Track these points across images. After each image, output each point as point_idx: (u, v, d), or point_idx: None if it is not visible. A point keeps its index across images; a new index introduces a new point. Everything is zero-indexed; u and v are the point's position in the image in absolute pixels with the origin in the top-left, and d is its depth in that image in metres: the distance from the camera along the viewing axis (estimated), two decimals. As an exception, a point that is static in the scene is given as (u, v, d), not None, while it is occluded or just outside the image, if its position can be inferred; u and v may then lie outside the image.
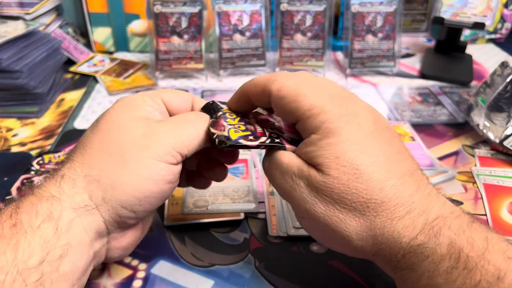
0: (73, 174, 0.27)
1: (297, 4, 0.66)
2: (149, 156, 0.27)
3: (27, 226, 0.24)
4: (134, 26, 0.76)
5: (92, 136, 0.28)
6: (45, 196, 0.25)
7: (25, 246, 0.23)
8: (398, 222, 0.25)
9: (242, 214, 0.40)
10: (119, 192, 0.26)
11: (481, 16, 0.68)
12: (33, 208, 0.25)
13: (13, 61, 0.54)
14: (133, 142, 0.27)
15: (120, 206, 0.27)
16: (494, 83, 0.50)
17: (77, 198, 0.26)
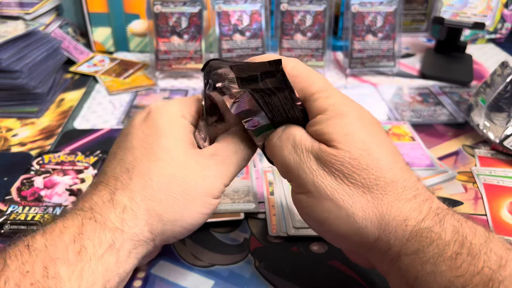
0: (135, 206, 0.27)
1: (297, 4, 0.66)
2: (207, 195, 0.29)
3: (91, 254, 0.25)
4: (134, 26, 0.76)
5: (149, 166, 0.28)
6: (108, 226, 0.26)
7: (89, 274, 0.24)
8: (405, 203, 0.25)
9: (242, 214, 0.40)
10: (177, 226, 0.28)
11: (481, 16, 0.68)
12: (96, 235, 0.25)
13: (13, 61, 0.54)
14: (194, 181, 0.29)
15: (173, 236, 0.29)
16: (494, 83, 0.50)
17: (137, 230, 0.27)
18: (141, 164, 0.28)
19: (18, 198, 0.41)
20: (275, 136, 0.30)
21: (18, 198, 0.41)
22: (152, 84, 0.66)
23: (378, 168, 0.26)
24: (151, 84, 0.66)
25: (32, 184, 0.43)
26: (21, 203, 0.41)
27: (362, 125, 0.27)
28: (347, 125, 0.27)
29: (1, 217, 0.39)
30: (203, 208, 0.29)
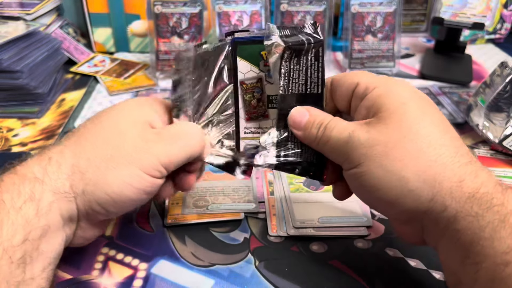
0: (61, 158, 0.28)
1: (297, 5, 0.67)
2: (138, 167, 0.28)
3: (10, 206, 0.25)
4: (135, 27, 0.76)
5: (90, 128, 0.30)
6: (28, 177, 0.26)
7: (9, 225, 0.24)
8: (460, 167, 0.26)
9: (242, 214, 0.40)
10: (99, 190, 0.28)
11: (481, 16, 0.69)
12: (15, 187, 0.26)
13: (14, 62, 0.55)
14: (126, 150, 0.29)
15: (96, 202, 0.28)
16: (494, 83, 0.51)
17: (58, 183, 0.27)
18: (83, 127, 0.30)
19: None
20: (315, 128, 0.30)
21: None
22: (153, 84, 0.66)
23: (431, 132, 0.27)
24: (152, 84, 0.66)
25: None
26: (22, 203, 0.41)
27: (414, 97, 0.28)
28: (400, 97, 0.28)
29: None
30: (132, 179, 0.28)
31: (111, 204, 0.28)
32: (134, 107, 0.31)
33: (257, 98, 0.32)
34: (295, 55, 0.30)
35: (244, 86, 0.32)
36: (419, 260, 0.36)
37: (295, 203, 0.41)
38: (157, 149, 0.29)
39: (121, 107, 0.31)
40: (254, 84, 0.32)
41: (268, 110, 0.33)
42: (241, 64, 0.31)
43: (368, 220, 0.39)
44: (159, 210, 0.40)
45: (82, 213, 0.29)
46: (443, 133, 0.27)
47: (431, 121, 0.28)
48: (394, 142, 0.27)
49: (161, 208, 0.40)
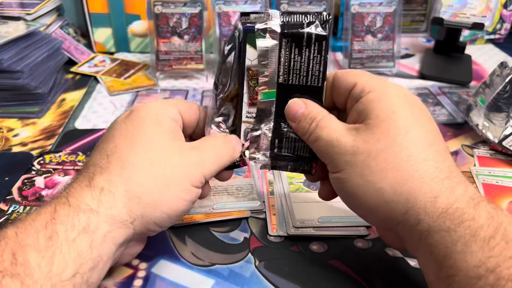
0: (113, 188, 0.27)
1: (297, 5, 0.67)
2: (189, 182, 0.30)
3: (63, 239, 0.24)
4: (135, 27, 0.76)
5: (129, 149, 0.29)
6: (82, 209, 0.26)
7: (60, 259, 0.24)
8: (437, 182, 0.26)
9: (248, 212, 0.40)
10: (157, 210, 0.28)
11: (480, 16, 0.69)
12: (69, 219, 0.25)
13: (14, 62, 0.55)
14: (174, 166, 0.29)
15: (153, 222, 0.28)
16: (493, 83, 0.51)
17: (114, 211, 0.27)
18: (121, 149, 0.29)
19: (19, 198, 0.42)
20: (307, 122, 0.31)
21: (19, 198, 0.42)
22: (153, 84, 0.67)
23: (413, 146, 0.27)
24: (152, 84, 0.67)
25: (33, 184, 0.44)
26: (22, 203, 0.41)
27: (406, 105, 0.29)
28: (391, 105, 0.28)
29: (2, 217, 0.39)
30: (184, 193, 0.29)
31: (167, 221, 0.29)
32: (161, 119, 0.31)
33: None
34: (295, 45, 0.31)
35: (250, 72, 0.33)
36: (419, 260, 0.36)
37: (295, 203, 0.41)
38: (200, 161, 0.30)
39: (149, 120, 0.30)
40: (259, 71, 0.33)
41: None
42: (250, 52, 0.32)
43: (368, 220, 0.39)
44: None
45: (137, 234, 0.29)
46: (427, 146, 0.27)
47: (418, 133, 0.28)
48: (377, 152, 0.27)
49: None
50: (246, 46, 0.32)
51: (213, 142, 0.32)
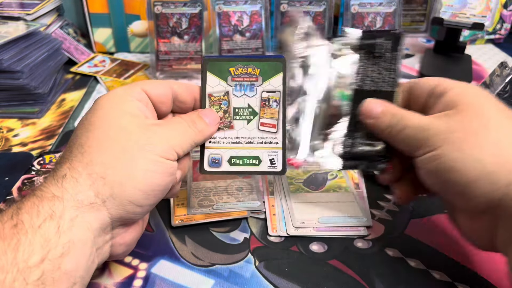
0: (75, 173, 0.27)
1: (297, 5, 0.67)
2: (155, 153, 0.29)
3: (28, 226, 0.24)
4: (135, 27, 0.76)
5: (87, 135, 0.29)
6: (46, 197, 0.26)
7: (26, 245, 0.23)
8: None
9: (248, 212, 0.40)
10: (127, 187, 0.27)
11: (480, 16, 0.69)
12: (34, 208, 0.25)
13: (14, 62, 0.55)
14: (136, 141, 0.28)
15: (128, 201, 0.28)
16: (493, 84, 0.51)
17: (80, 196, 0.26)
18: (80, 137, 0.29)
19: (19, 198, 0.42)
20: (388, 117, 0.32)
21: (19, 198, 0.42)
22: (153, 84, 0.66)
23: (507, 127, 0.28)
24: (152, 84, 0.66)
25: (33, 184, 0.44)
26: (22, 203, 0.41)
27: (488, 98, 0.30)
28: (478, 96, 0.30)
29: (2, 217, 0.39)
30: (153, 165, 0.28)
31: (143, 197, 0.28)
32: (116, 100, 0.31)
33: (223, 109, 0.35)
34: (372, 56, 0.35)
35: (212, 98, 0.35)
36: (419, 260, 0.36)
37: (295, 203, 0.41)
38: (165, 134, 0.30)
39: (105, 105, 0.30)
40: (221, 97, 0.35)
41: (233, 121, 0.35)
42: (210, 78, 0.35)
43: (368, 220, 0.39)
44: (164, 211, 0.40)
45: (116, 218, 0.28)
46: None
47: (507, 116, 0.29)
48: (474, 130, 0.28)
49: (167, 210, 0.41)
50: (206, 74, 0.34)
51: (178, 119, 0.32)
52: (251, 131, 0.35)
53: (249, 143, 0.35)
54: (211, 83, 0.35)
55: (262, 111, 0.35)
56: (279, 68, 0.35)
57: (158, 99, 0.33)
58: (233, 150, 0.35)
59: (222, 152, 0.35)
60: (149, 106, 0.33)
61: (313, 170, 0.46)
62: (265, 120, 0.35)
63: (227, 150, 0.35)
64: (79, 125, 0.30)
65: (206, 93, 0.35)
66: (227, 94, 0.35)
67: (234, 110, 0.35)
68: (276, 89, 0.35)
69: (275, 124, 0.35)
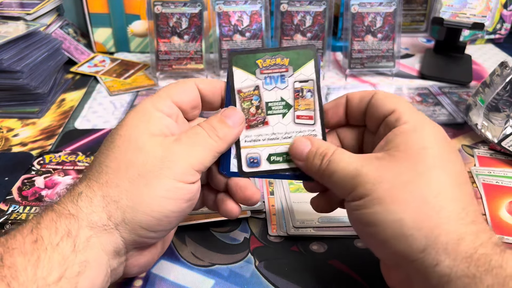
0: (90, 193, 0.27)
1: (297, 5, 0.67)
2: (169, 177, 0.27)
3: (47, 243, 0.24)
4: (135, 27, 0.76)
5: (107, 154, 0.28)
6: (64, 214, 0.26)
7: (45, 262, 0.23)
8: (462, 225, 0.24)
9: (248, 212, 0.40)
10: (139, 213, 0.27)
11: (480, 16, 0.69)
12: (53, 224, 0.25)
13: (14, 62, 0.55)
14: (152, 164, 0.27)
15: (140, 227, 0.27)
16: (493, 83, 0.51)
17: (94, 217, 0.26)
18: (101, 154, 0.28)
19: (19, 198, 0.42)
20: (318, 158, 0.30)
21: (19, 198, 0.42)
22: (153, 84, 0.67)
23: (443, 183, 0.26)
24: (152, 84, 0.67)
25: (33, 184, 0.44)
26: (22, 203, 0.41)
27: (438, 143, 0.27)
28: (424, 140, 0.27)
29: (2, 217, 0.39)
30: (167, 191, 0.27)
31: (155, 223, 0.27)
32: (142, 118, 0.29)
33: (255, 105, 0.33)
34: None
35: (241, 95, 0.32)
36: (419, 260, 0.36)
37: (295, 203, 0.41)
38: (183, 153, 0.28)
39: (129, 122, 0.29)
40: (252, 92, 0.32)
41: (267, 116, 0.33)
42: (238, 73, 0.32)
43: (368, 220, 0.39)
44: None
45: (129, 242, 0.27)
46: (455, 186, 0.26)
47: (447, 172, 0.27)
48: (402, 183, 0.26)
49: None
50: (232, 69, 0.32)
51: (197, 130, 0.30)
52: (287, 126, 0.32)
53: (286, 138, 0.32)
54: (239, 79, 0.32)
55: (297, 103, 0.32)
56: (309, 56, 0.32)
57: (189, 106, 0.32)
58: (271, 148, 0.32)
59: (260, 151, 0.32)
60: (180, 119, 0.31)
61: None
62: (301, 112, 0.33)
63: (265, 148, 0.32)
64: (104, 140, 0.30)
65: (235, 90, 0.32)
66: (257, 88, 0.32)
67: (267, 104, 0.32)
68: (309, 78, 0.32)
69: (312, 116, 0.33)
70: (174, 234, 0.37)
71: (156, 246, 0.31)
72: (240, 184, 0.32)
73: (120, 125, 0.29)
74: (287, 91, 0.32)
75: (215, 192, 0.33)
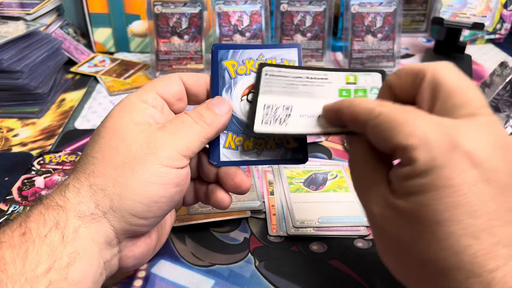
0: (77, 183, 0.27)
1: (297, 5, 0.67)
2: (155, 162, 0.27)
3: (36, 235, 0.24)
4: (135, 27, 0.76)
5: (93, 145, 0.29)
6: (52, 205, 0.26)
7: (34, 254, 0.24)
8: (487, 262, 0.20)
9: (248, 212, 0.40)
10: (127, 200, 0.27)
11: (480, 16, 0.69)
12: (41, 217, 0.25)
13: (14, 62, 0.55)
14: (138, 150, 0.28)
15: (129, 214, 0.27)
16: (494, 83, 0.51)
17: (82, 206, 0.26)
18: (87, 147, 0.29)
19: (19, 198, 0.42)
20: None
21: (19, 198, 0.42)
22: (153, 84, 0.66)
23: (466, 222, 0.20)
24: (152, 84, 0.66)
25: (33, 184, 0.44)
26: (22, 203, 0.41)
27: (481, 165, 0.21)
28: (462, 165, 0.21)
29: (2, 217, 0.39)
30: (154, 177, 0.27)
31: (144, 210, 0.27)
32: (126, 109, 0.30)
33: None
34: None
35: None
36: (419, 260, 0.36)
37: (295, 203, 0.41)
38: (168, 139, 0.28)
39: (114, 114, 0.30)
40: None
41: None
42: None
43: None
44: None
45: (120, 230, 0.27)
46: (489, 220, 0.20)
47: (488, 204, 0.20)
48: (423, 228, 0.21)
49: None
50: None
51: (183, 117, 0.30)
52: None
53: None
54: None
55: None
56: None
57: (174, 98, 0.32)
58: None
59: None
60: (165, 110, 0.31)
61: (313, 170, 0.46)
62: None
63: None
64: (92, 135, 0.30)
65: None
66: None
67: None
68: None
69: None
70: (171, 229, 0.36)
71: (150, 237, 0.31)
72: (230, 172, 0.32)
73: (105, 118, 0.30)
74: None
75: (207, 184, 0.34)
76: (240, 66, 0.32)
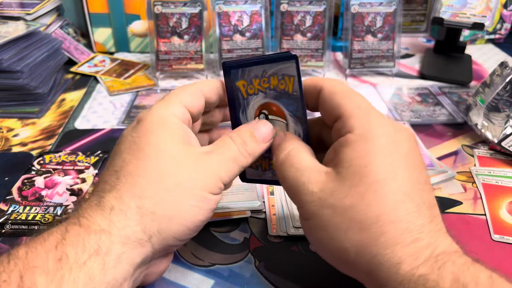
0: (123, 205, 0.26)
1: (297, 5, 0.67)
2: (204, 189, 0.28)
3: (73, 261, 0.23)
4: (135, 27, 0.76)
5: (137, 164, 0.27)
6: (93, 229, 0.25)
7: (70, 282, 0.22)
8: (401, 248, 0.24)
9: (248, 212, 0.40)
10: (175, 224, 0.27)
11: (480, 16, 0.69)
12: (80, 240, 0.24)
13: (14, 62, 0.55)
14: (187, 175, 0.27)
15: (173, 237, 0.27)
16: (493, 83, 0.51)
17: (127, 231, 0.25)
18: (129, 164, 0.27)
19: (19, 198, 0.42)
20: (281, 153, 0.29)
21: (19, 198, 0.42)
22: (153, 84, 0.67)
23: (380, 206, 0.25)
24: (152, 84, 0.67)
25: (33, 184, 0.44)
26: (22, 203, 0.41)
27: (389, 156, 0.26)
28: (371, 154, 0.25)
29: (2, 217, 0.39)
30: (200, 202, 0.28)
31: (187, 233, 0.28)
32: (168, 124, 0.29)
33: None
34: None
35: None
36: (419, 260, 0.36)
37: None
38: (214, 166, 0.29)
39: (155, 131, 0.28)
40: None
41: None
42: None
43: (368, 220, 0.39)
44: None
45: (157, 251, 0.27)
46: (398, 204, 0.25)
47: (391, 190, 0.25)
48: (343, 209, 0.25)
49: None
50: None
51: (228, 144, 0.30)
52: None
53: None
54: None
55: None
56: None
57: (197, 111, 0.32)
58: None
59: None
60: (190, 124, 0.31)
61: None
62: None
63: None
64: (124, 147, 0.28)
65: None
66: None
67: None
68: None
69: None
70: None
71: (172, 253, 0.32)
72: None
73: (141, 132, 0.29)
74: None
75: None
76: (249, 86, 0.32)
